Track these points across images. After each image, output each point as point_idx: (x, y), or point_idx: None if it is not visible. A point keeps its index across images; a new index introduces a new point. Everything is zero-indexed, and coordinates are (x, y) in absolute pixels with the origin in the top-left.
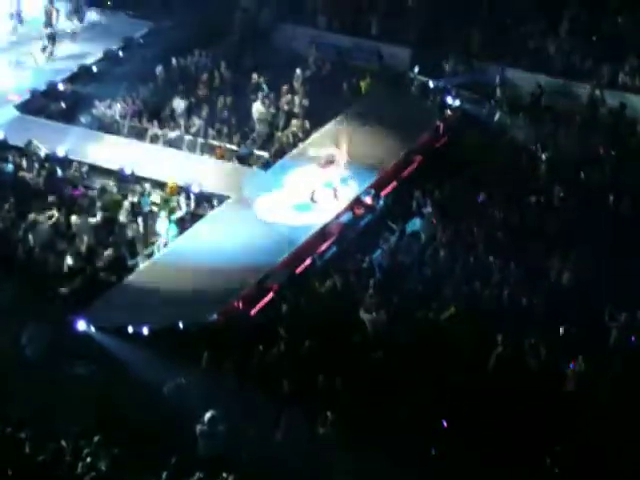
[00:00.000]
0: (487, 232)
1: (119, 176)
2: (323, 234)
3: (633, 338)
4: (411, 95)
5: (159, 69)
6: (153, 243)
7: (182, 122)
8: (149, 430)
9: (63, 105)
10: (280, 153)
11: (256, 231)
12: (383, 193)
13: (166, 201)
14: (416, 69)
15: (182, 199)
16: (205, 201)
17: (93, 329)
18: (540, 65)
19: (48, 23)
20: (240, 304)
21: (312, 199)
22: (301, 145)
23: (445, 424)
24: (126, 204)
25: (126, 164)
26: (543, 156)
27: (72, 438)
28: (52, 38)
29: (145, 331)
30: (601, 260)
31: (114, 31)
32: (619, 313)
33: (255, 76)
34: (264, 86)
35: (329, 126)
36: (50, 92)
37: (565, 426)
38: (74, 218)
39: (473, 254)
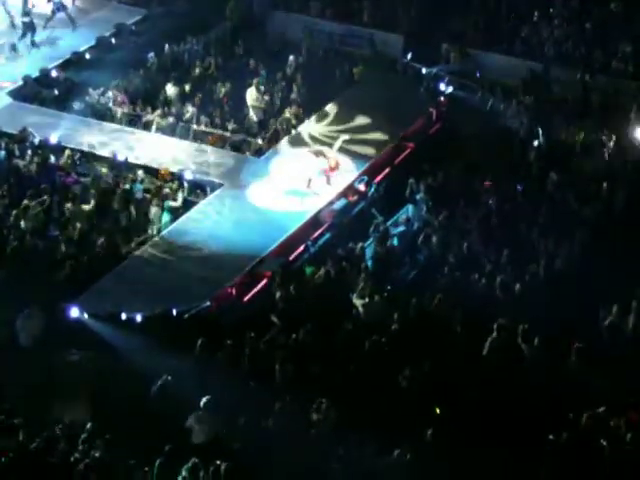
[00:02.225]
0: (480, 218)
1: (112, 163)
2: (316, 221)
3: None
4: (404, 82)
5: (151, 56)
6: (146, 230)
7: (175, 109)
8: (143, 417)
9: (56, 92)
10: (274, 140)
11: (249, 218)
12: (376, 180)
13: (159, 188)
14: (409, 56)
15: (175, 186)
16: (198, 188)
17: (86, 316)
18: (532, 52)
19: (25, 12)
20: (233, 291)
21: (308, 187)
22: (294, 132)
23: (439, 410)
24: (119, 191)
25: (119, 151)
26: (535, 142)
27: (66, 425)
28: (31, 27)
29: (138, 318)
30: (594, 247)
31: (107, 18)
32: (611, 305)
33: (252, 62)
34: (262, 72)
35: (321, 112)
36: (43, 79)
37: (560, 413)
38: (67, 205)
39: (466, 240)
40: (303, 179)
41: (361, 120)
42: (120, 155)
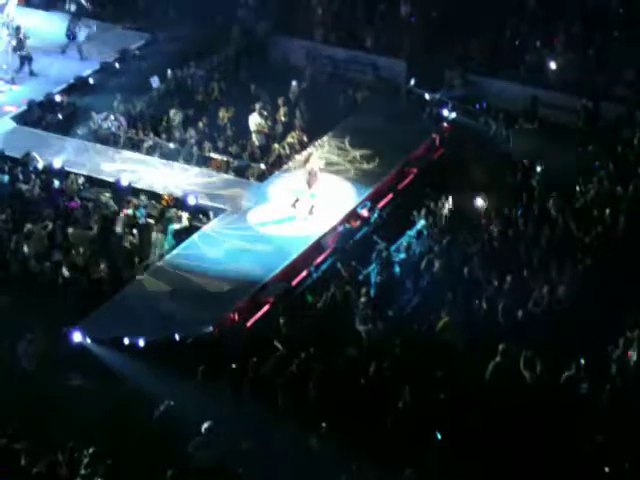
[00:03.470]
0: (482, 244)
1: (115, 188)
2: (319, 246)
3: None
4: (407, 107)
5: (155, 81)
6: (149, 255)
7: (178, 134)
8: (146, 442)
9: (60, 116)
10: (277, 165)
11: (251, 243)
12: (379, 206)
13: (162, 213)
14: (412, 82)
15: (180, 211)
16: (201, 213)
17: (89, 341)
18: (536, 78)
19: (20, 46)
20: (236, 316)
21: (310, 212)
22: (297, 157)
23: (439, 435)
24: (122, 216)
25: (122, 176)
26: (538, 168)
27: (68, 450)
28: (28, 59)
29: (141, 343)
30: (598, 274)
31: (110, 43)
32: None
33: (255, 88)
34: (265, 97)
35: (325, 138)
36: (47, 103)
37: (561, 438)
38: (70, 230)
39: (468, 266)
40: (305, 205)
41: (364, 146)
42: (123, 180)
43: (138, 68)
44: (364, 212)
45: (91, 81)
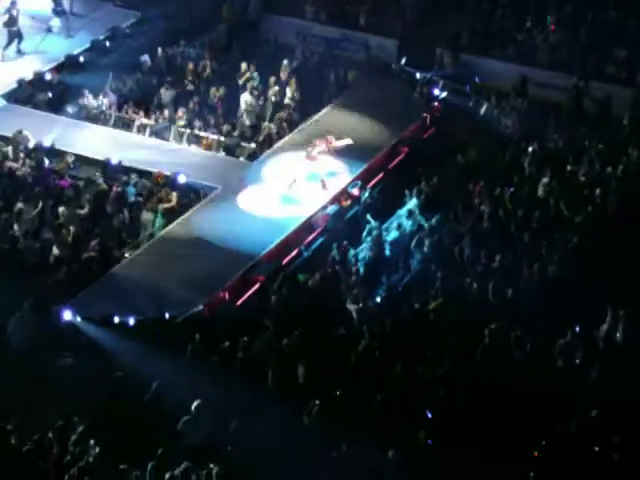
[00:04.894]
0: (473, 223)
1: (106, 166)
2: (309, 226)
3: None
4: (398, 87)
5: (145, 59)
6: (139, 233)
7: (169, 112)
8: (135, 421)
9: (50, 95)
10: (267, 144)
11: (242, 222)
12: (370, 184)
13: (152, 192)
14: (403, 61)
15: (170, 190)
16: (192, 192)
17: (79, 319)
18: (526, 57)
19: (11, 22)
20: (226, 295)
21: (290, 188)
22: (288, 136)
23: (429, 415)
24: (112, 194)
25: (112, 154)
26: (529, 148)
27: (58, 429)
28: (18, 36)
29: (131, 321)
30: (586, 253)
31: (101, 21)
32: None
33: (244, 66)
34: (254, 74)
35: (317, 117)
36: (37, 81)
37: (551, 418)
38: (61, 209)
39: (459, 244)
40: (288, 180)
41: (355, 124)
42: (114, 158)
43: (129, 46)
44: (355, 191)
45: (81, 59)
